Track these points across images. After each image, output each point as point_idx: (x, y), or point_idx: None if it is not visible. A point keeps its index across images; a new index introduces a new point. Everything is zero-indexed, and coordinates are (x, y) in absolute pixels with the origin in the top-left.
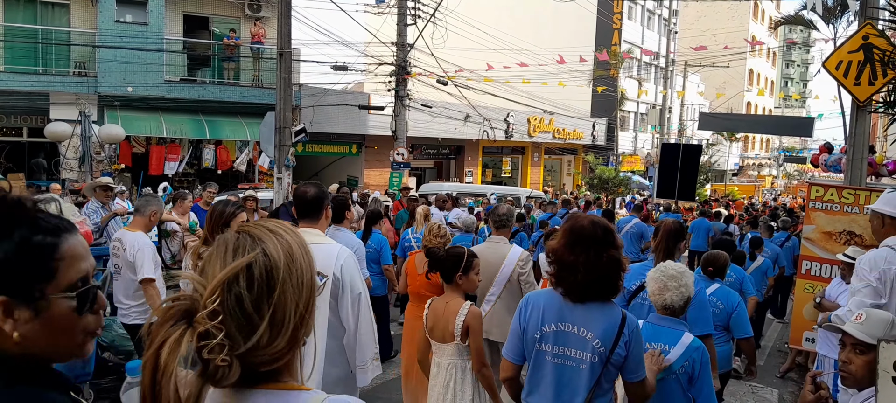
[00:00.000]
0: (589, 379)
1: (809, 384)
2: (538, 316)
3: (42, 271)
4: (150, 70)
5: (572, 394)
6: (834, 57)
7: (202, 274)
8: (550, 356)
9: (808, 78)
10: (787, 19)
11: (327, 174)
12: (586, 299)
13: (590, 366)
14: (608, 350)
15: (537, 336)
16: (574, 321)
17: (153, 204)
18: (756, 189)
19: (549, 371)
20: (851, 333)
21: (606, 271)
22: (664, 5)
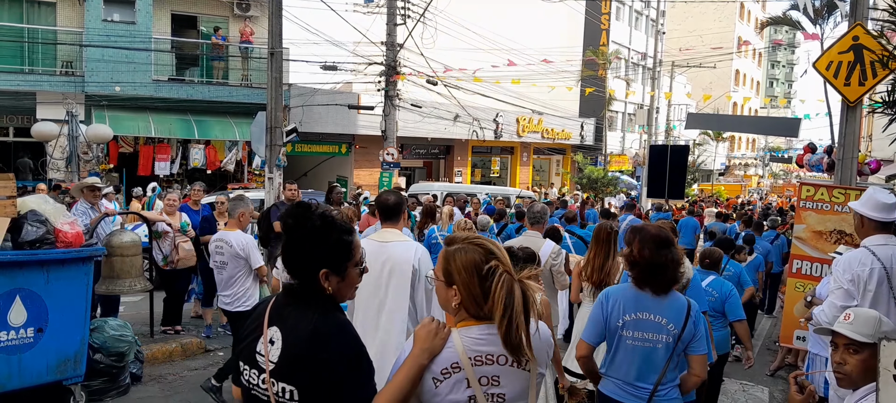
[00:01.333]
0: (664, 356)
1: (794, 385)
2: (619, 307)
3: (347, 255)
4: (138, 69)
5: (651, 369)
6: (824, 57)
7: None
8: (631, 339)
9: (793, 78)
10: (774, 20)
11: (316, 174)
12: (660, 290)
13: (665, 346)
14: (680, 330)
15: (619, 323)
16: (650, 309)
17: (241, 206)
18: (742, 188)
19: (630, 352)
20: (844, 333)
21: (676, 267)
22: (651, 6)
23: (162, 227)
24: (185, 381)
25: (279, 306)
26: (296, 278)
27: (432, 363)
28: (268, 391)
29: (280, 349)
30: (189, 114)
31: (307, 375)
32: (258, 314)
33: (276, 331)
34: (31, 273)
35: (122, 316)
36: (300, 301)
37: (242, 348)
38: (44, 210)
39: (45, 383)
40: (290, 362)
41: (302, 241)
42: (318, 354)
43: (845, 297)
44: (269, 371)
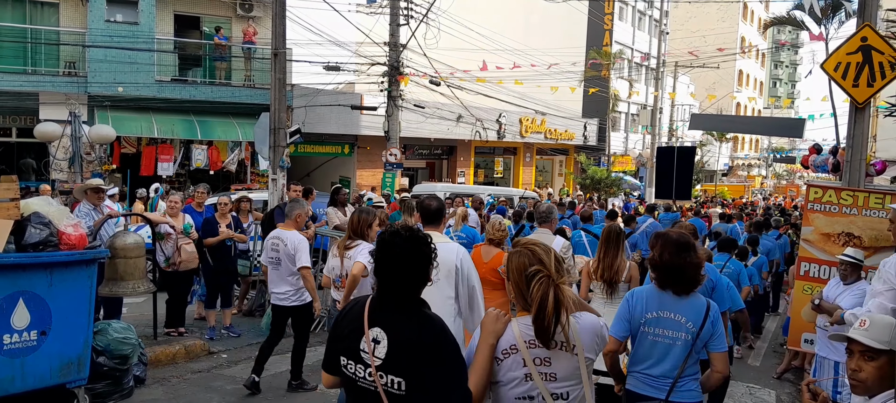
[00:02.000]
0: (683, 352)
1: (806, 392)
2: (643, 305)
3: (430, 264)
4: (141, 70)
5: (670, 364)
6: (832, 58)
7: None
8: (651, 336)
9: (796, 79)
10: (777, 20)
11: (319, 174)
12: (682, 291)
13: (684, 342)
14: (698, 329)
15: (642, 320)
16: (670, 309)
17: (297, 207)
18: (746, 189)
19: (650, 347)
20: (859, 340)
21: (696, 269)
22: (655, 6)
23: (165, 229)
24: (188, 383)
25: (376, 309)
26: (390, 286)
27: (497, 344)
28: (375, 382)
29: (386, 347)
30: (192, 115)
31: (414, 367)
32: (355, 316)
33: (380, 332)
34: (34, 275)
35: (124, 318)
36: (397, 305)
37: (344, 345)
38: (47, 212)
39: (49, 386)
40: (398, 357)
41: (399, 259)
42: (423, 350)
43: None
44: (376, 366)
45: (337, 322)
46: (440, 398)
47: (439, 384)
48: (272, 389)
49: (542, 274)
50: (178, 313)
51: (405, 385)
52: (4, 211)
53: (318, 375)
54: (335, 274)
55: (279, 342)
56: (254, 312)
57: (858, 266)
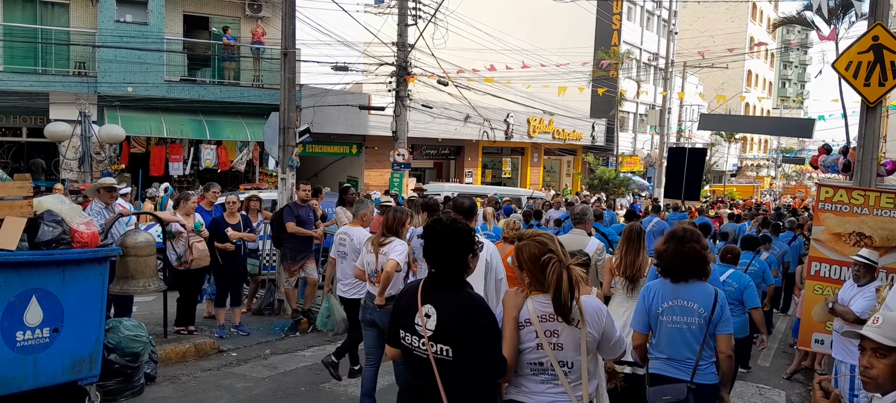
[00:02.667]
0: (699, 336)
1: (819, 391)
2: (658, 297)
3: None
4: (150, 70)
5: (688, 347)
6: (843, 58)
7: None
8: (670, 323)
9: (806, 79)
10: (787, 20)
11: (327, 174)
12: (689, 279)
13: (698, 326)
14: (710, 313)
15: (659, 310)
16: (682, 297)
17: (363, 207)
18: (755, 189)
19: (669, 333)
20: (871, 337)
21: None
22: (663, 6)
23: (176, 228)
24: (198, 382)
25: (427, 289)
26: (439, 269)
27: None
28: (427, 350)
29: (436, 320)
30: (201, 115)
31: (459, 337)
32: (410, 295)
33: (430, 308)
34: (47, 273)
35: (134, 317)
36: (444, 285)
37: (402, 321)
38: (60, 210)
39: (61, 383)
40: (446, 329)
41: (443, 243)
42: (467, 321)
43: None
44: (428, 337)
45: (397, 302)
46: (481, 363)
47: (480, 351)
48: (283, 388)
49: (555, 259)
50: (189, 311)
51: (452, 352)
52: (18, 208)
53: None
54: (370, 268)
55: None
56: (263, 311)
57: (872, 267)
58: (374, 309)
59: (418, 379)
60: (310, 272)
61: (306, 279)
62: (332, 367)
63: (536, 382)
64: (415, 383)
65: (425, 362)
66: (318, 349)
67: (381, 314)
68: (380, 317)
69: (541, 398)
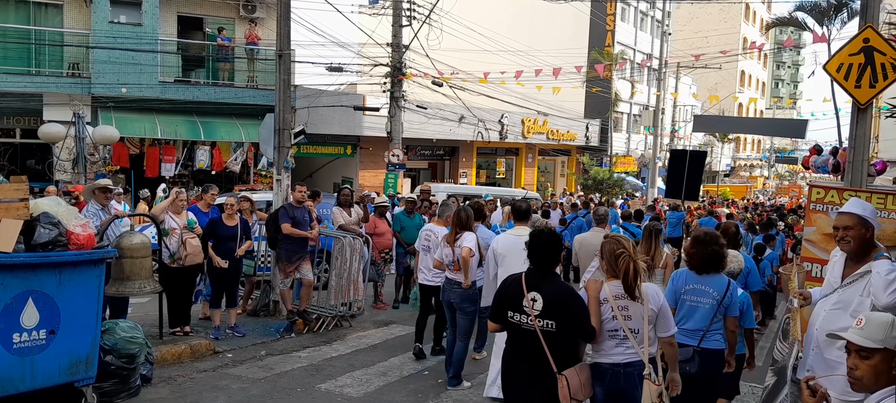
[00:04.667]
0: (710, 313)
1: (806, 390)
2: (683, 281)
3: (561, 252)
4: (145, 71)
5: (700, 321)
6: (835, 59)
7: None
8: (689, 302)
9: (799, 80)
10: (779, 21)
11: (322, 175)
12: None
13: (710, 306)
14: (721, 297)
15: (683, 291)
16: (701, 283)
17: (447, 210)
18: (748, 189)
19: (687, 309)
20: (853, 340)
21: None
22: (657, 7)
23: (169, 222)
24: (194, 383)
25: (530, 280)
26: (538, 266)
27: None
28: (534, 325)
29: (542, 303)
30: (195, 116)
31: (559, 313)
32: (515, 285)
33: (536, 294)
34: (43, 275)
35: (130, 318)
36: (544, 276)
37: (509, 304)
38: (56, 212)
39: (57, 384)
40: (549, 308)
41: (545, 247)
42: (566, 301)
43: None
44: (535, 315)
45: (503, 290)
46: (577, 331)
47: (575, 322)
48: (279, 389)
49: (625, 253)
50: (183, 312)
51: (556, 325)
52: (14, 210)
53: (324, 370)
54: (448, 259)
55: (429, 316)
56: (258, 312)
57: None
58: (451, 291)
59: (524, 347)
60: (305, 273)
61: (302, 280)
62: (420, 354)
63: (612, 345)
64: (519, 350)
65: (532, 333)
66: (314, 350)
67: (458, 294)
68: (456, 297)
69: (617, 356)
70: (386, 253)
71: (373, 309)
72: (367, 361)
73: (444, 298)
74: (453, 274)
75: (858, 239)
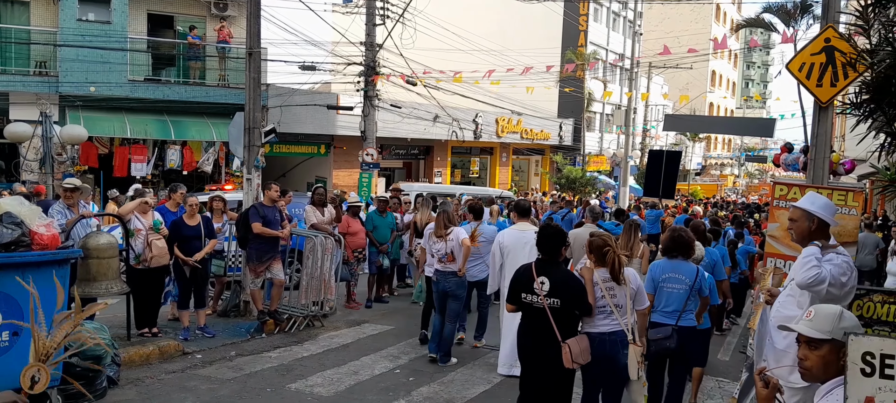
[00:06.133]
0: (684, 296)
1: (759, 381)
2: (660, 270)
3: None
4: (114, 69)
5: (676, 304)
6: (797, 59)
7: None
8: (666, 287)
9: (768, 80)
10: (748, 22)
11: (295, 175)
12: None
13: (684, 290)
14: (692, 282)
15: (661, 279)
16: (675, 271)
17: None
18: (719, 188)
19: (665, 294)
20: (802, 332)
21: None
22: (629, 7)
23: (135, 223)
24: (162, 384)
25: (539, 267)
26: (547, 255)
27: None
28: (543, 303)
29: (548, 285)
30: (165, 115)
31: (563, 293)
32: (527, 272)
33: (544, 278)
34: (5, 276)
35: (97, 319)
36: (552, 264)
37: (522, 287)
38: (19, 212)
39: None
40: (555, 289)
41: (551, 239)
42: (569, 284)
43: (841, 289)
44: (543, 295)
45: (517, 276)
46: (577, 307)
47: (576, 300)
48: (248, 389)
49: (610, 248)
50: (151, 313)
51: (559, 302)
52: None
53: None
54: (441, 252)
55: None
56: (228, 313)
57: None
58: (445, 280)
59: (535, 322)
60: (276, 273)
61: (272, 280)
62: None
63: (601, 318)
64: (531, 325)
65: (541, 310)
66: (285, 350)
67: (451, 282)
68: (449, 285)
69: (604, 327)
70: (359, 253)
71: (345, 309)
72: (338, 360)
73: (437, 287)
74: (444, 266)
75: (800, 230)
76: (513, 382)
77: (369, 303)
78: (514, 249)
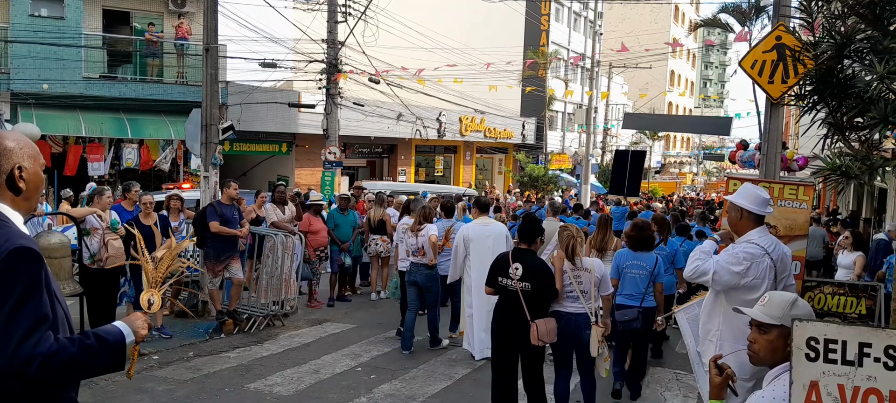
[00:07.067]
0: (645, 281)
1: (714, 368)
2: (624, 259)
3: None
4: (68, 66)
5: (638, 289)
6: (749, 56)
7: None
8: (629, 274)
9: (725, 79)
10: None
11: (256, 173)
12: (642, 250)
13: (645, 276)
14: (652, 269)
15: (624, 266)
16: (637, 259)
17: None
18: (677, 186)
19: (629, 280)
20: (753, 316)
21: (652, 239)
22: (589, 7)
23: (91, 223)
24: (118, 386)
25: (515, 255)
26: (525, 243)
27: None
28: (516, 286)
29: (521, 270)
30: (122, 113)
31: (534, 278)
32: (504, 258)
33: (518, 264)
34: None
35: None
36: (526, 252)
37: (499, 272)
38: None
39: None
40: (527, 274)
41: (531, 224)
42: (539, 270)
43: (731, 278)
44: (517, 279)
45: (496, 263)
46: (546, 291)
47: (545, 285)
48: (206, 390)
49: (576, 240)
50: (106, 315)
51: (531, 287)
52: None
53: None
54: (413, 247)
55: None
56: (186, 313)
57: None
58: (417, 273)
59: (508, 303)
60: (235, 272)
61: (231, 279)
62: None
63: (569, 301)
64: (505, 305)
65: (514, 293)
66: (245, 350)
67: (422, 275)
68: (421, 278)
69: (571, 308)
70: (321, 251)
71: (307, 308)
72: (298, 359)
73: (409, 279)
74: (418, 259)
75: (731, 221)
76: (473, 376)
77: (331, 302)
78: (476, 240)
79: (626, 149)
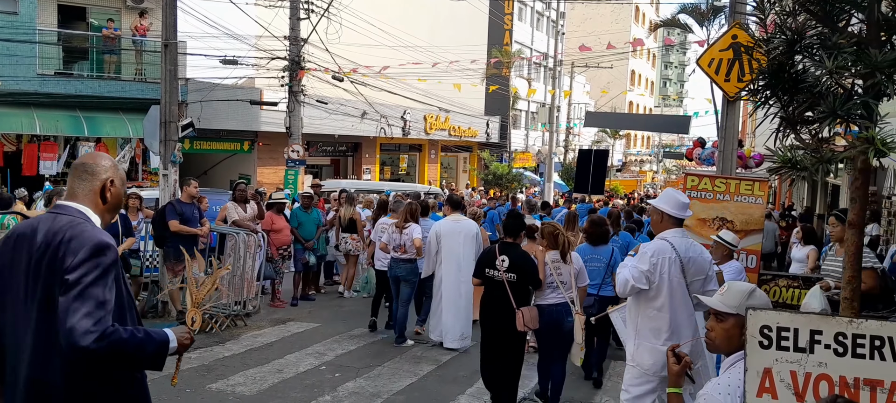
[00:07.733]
0: (603, 272)
1: (671, 356)
2: (583, 252)
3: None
4: (21, 63)
5: (598, 278)
6: (706, 55)
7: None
8: (589, 265)
9: (684, 79)
10: (665, 23)
11: (218, 171)
12: (600, 244)
13: (603, 267)
14: (608, 260)
15: (586, 259)
16: (595, 253)
17: (400, 206)
18: (638, 184)
19: (589, 271)
20: (710, 305)
21: (607, 233)
22: (552, 7)
23: None
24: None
25: (501, 248)
26: (510, 236)
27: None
28: (502, 277)
29: (507, 262)
30: (78, 111)
31: (519, 269)
32: (491, 251)
33: (505, 256)
34: None
35: None
36: (512, 246)
37: (486, 264)
38: None
39: None
40: (512, 265)
41: (515, 219)
42: (523, 262)
43: (642, 277)
44: (503, 270)
45: (483, 255)
46: (529, 282)
47: (529, 276)
48: (166, 391)
49: (560, 234)
50: None
51: (516, 277)
52: None
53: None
54: (396, 243)
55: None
56: (146, 313)
57: (729, 247)
58: (398, 267)
59: (495, 293)
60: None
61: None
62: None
63: (549, 292)
64: (492, 295)
65: (501, 283)
66: (206, 350)
67: (404, 268)
68: (402, 271)
69: (552, 299)
70: (284, 250)
71: (270, 307)
72: (261, 359)
73: (391, 273)
74: (399, 255)
75: (653, 224)
76: (438, 373)
77: (295, 301)
78: (448, 236)
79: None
